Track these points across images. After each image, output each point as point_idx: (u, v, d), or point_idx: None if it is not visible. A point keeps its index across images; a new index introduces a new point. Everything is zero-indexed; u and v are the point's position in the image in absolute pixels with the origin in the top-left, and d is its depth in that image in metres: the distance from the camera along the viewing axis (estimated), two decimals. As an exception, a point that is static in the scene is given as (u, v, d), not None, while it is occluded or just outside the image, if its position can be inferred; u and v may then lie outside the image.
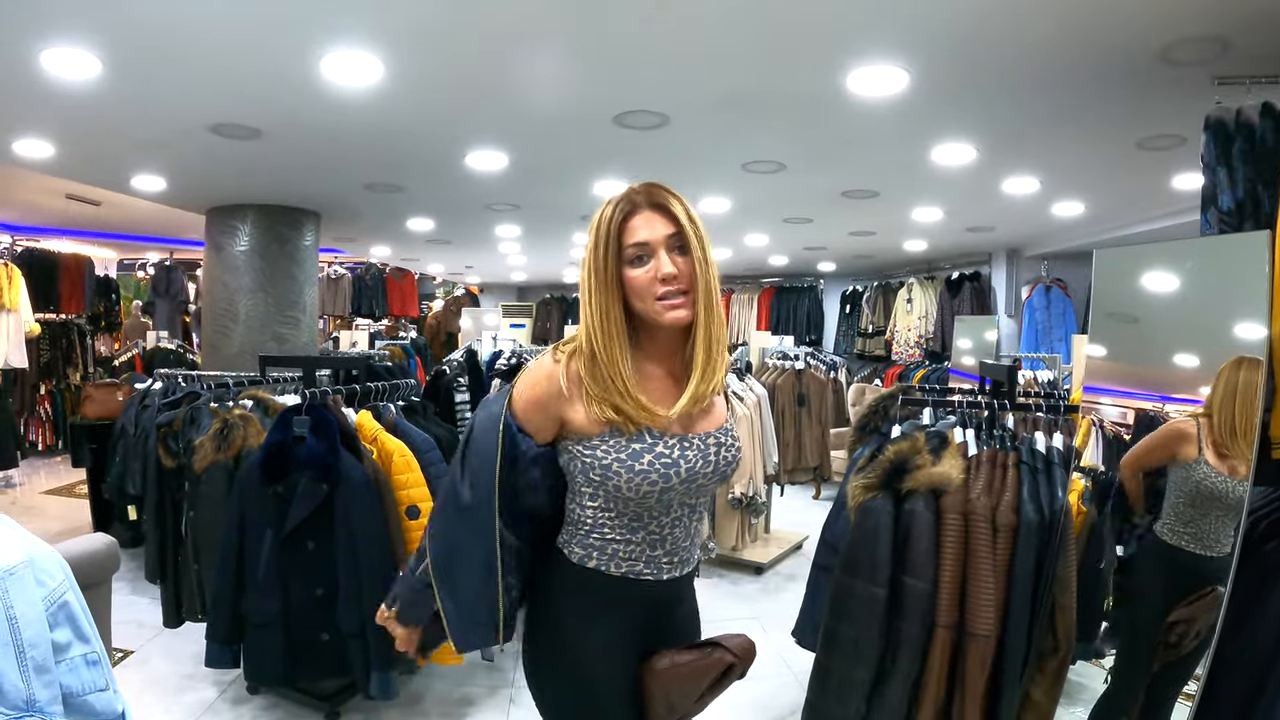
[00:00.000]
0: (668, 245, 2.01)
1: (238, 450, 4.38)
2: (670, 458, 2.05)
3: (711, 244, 2.08)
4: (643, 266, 2.02)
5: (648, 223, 2.02)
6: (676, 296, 2.01)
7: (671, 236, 2.02)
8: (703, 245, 2.04)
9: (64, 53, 4.11)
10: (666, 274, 2.00)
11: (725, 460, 2.14)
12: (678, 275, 2.01)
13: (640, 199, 2.04)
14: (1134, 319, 3.59)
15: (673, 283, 2.01)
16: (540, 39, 3.98)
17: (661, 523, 2.14)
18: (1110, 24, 3.66)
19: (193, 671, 4.74)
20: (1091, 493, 3.80)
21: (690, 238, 2.02)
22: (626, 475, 2.02)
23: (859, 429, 4.28)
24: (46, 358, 11.57)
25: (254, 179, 7.10)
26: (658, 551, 2.15)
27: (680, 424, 2.09)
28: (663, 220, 2.03)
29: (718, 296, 2.10)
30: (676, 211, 2.03)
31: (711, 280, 2.05)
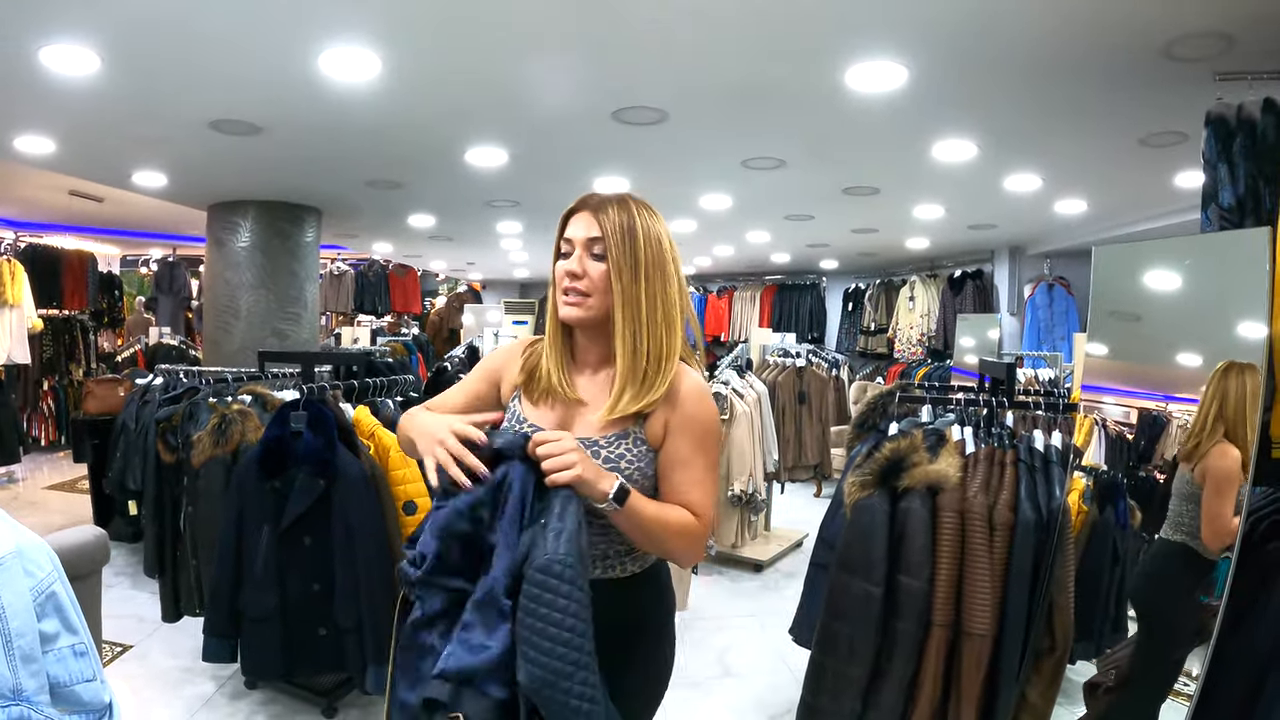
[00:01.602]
0: (586, 247, 2.10)
1: (236, 445, 4.38)
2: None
3: (654, 265, 2.10)
4: (564, 261, 2.14)
5: (578, 223, 2.13)
6: (574, 295, 2.10)
7: (592, 240, 2.10)
8: (634, 260, 2.08)
9: (63, 49, 4.11)
10: (570, 269, 2.10)
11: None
12: (581, 276, 2.09)
13: (589, 202, 2.14)
14: (1134, 317, 3.59)
15: (574, 281, 2.10)
16: (539, 35, 3.98)
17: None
18: (1112, 20, 3.65)
19: (191, 666, 4.74)
20: (1093, 492, 3.80)
21: (613, 246, 2.07)
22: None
23: (857, 426, 4.27)
24: (49, 353, 11.56)
25: (255, 175, 7.10)
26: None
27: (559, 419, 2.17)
28: (591, 223, 2.10)
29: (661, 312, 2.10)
30: (604, 220, 2.09)
31: (641, 294, 2.08)
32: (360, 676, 3.96)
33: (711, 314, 15.58)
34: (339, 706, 4.43)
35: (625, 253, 2.07)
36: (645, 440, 2.11)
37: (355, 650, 3.93)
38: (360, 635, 3.91)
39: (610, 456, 2.07)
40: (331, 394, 4.26)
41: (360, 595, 3.88)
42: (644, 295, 2.08)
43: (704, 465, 2.14)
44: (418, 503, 4.10)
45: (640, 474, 2.09)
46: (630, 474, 2.06)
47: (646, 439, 2.11)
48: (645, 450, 2.11)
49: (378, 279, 15.44)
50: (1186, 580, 3.33)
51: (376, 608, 3.89)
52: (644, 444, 2.10)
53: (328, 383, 4.54)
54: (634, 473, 2.07)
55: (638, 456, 2.09)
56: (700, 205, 8.41)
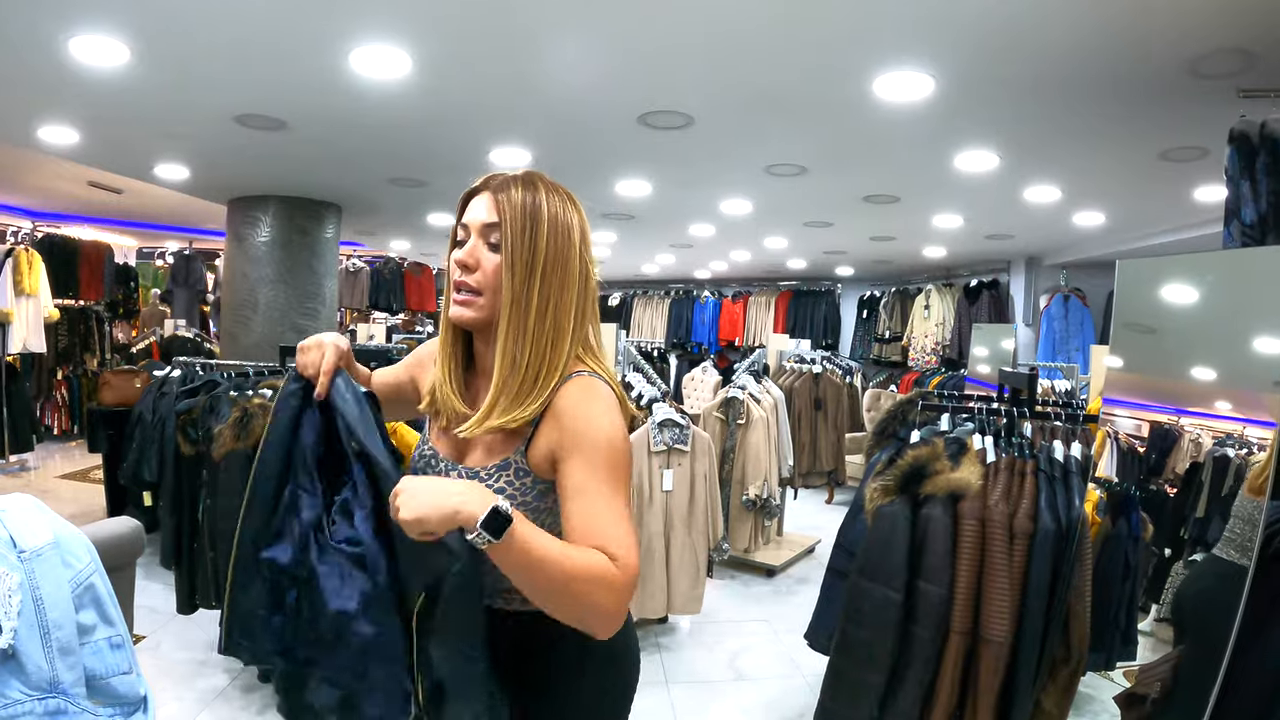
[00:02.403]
0: (481, 233, 1.79)
1: (257, 439, 4.38)
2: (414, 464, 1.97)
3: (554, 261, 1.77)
4: (458, 250, 1.82)
5: (477, 205, 1.81)
6: (463, 292, 1.79)
7: (488, 226, 1.78)
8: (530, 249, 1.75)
9: (93, 40, 4.13)
10: (458, 259, 1.79)
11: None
12: (471, 267, 1.78)
13: (491, 181, 1.82)
14: (1154, 330, 3.58)
15: (463, 273, 1.79)
16: (568, 38, 3.99)
17: None
18: (1137, 35, 3.66)
19: (205, 658, 4.77)
20: (1106, 503, 3.80)
21: (510, 235, 1.74)
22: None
23: (877, 434, 4.28)
24: (64, 343, 11.60)
25: (277, 170, 7.13)
26: None
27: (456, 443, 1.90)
28: (490, 207, 1.78)
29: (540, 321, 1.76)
30: (505, 201, 1.76)
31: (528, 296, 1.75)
32: (376, 671, 3.97)
33: (726, 318, 15.57)
34: (353, 701, 4.45)
35: (523, 244, 1.74)
36: (529, 470, 1.78)
37: (372, 645, 3.95)
38: (377, 630, 3.92)
39: (495, 488, 1.77)
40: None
41: (378, 590, 3.89)
42: (535, 296, 1.75)
43: (604, 491, 1.68)
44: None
45: (523, 507, 1.76)
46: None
47: (530, 468, 1.78)
48: (531, 482, 1.79)
49: (393, 276, 15.44)
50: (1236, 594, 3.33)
51: (394, 603, 3.90)
52: (529, 475, 1.78)
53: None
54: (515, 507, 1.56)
55: (520, 490, 1.78)
56: (720, 210, 8.42)
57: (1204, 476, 3.33)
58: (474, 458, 1.85)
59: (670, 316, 16.33)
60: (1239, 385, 3.21)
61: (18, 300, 9.61)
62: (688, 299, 16.26)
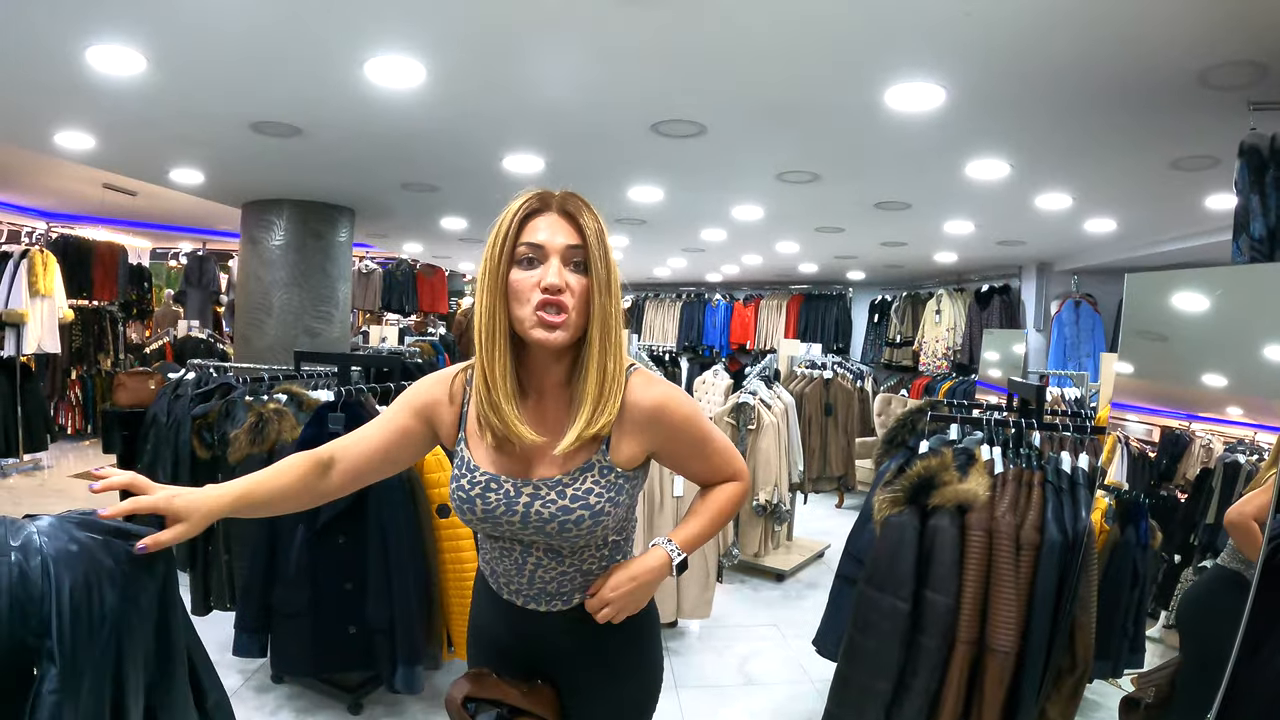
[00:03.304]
0: (564, 256, 1.84)
1: (272, 444, 4.43)
2: (466, 494, 1.97)
3: (616, 277, 1.90)
4: (530, 270, 1.84)
5: (550, 226, 1.86)
6: (554, 313, 1.82)
7: (572, 248, 1.85)
8: (608, 270, 1.86)
9: (110, 50, 4.16)
10: (550, 283, 1.81)
11: (540, 515, 1.91)
12: (563, 289, 1.82)
13: (551, 201, 1.88)
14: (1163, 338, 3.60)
15: (555, 295, 1.81)
16: (581, 47, 4.01)
17: (494, 545, 2.06)
18: (1148, 46, 3.66)
19: (218, 659, 4.70)
20: (1115, 511, 3.82)
21: (594, 257, 1.85)
22: (450, 494, 2.03)
23: (887, 442, 4.30)
24: (78, 344, 11.68)
25: (292, 175, 7.15)
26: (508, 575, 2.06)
27: (519, 460, 1.95)
28: (568, 229, 1.86)
29: (618, 329, 1.90)
30: (585, 224, 1.86)
31: (611, 310, 1.87)
32: (389, 675, 4.01)
33: (737, 322, 15.57)
34: (365, 703, 4.48)
35: (604, 264, 1.86)
36: (614, 467, 1.94)
37: (385, 649, 3.99)
38: (391, 634, 3.96)
39: (578, 494, 1.90)
40: (367, 395, 4.31)
41: (392, 595, 3.94)
42: (614, 312, 1.89)
43: (708, 437, 2.08)
44: (451, 506, 4.14)
45: (611, 504, 1.93)
46: (600, 507, 1.91)
47: (615, 464, 1.94)
48: (615, 478, 1.94)
49: (405, 278, 15.48)
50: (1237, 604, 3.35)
51: (408, 607, 3.95)
52: (612, 470, 1.94)
53: (364, 384, 4.59)
54: (604, 504, 1.91)
55: (607, 487, 1.93)
56: (732, 215, 8.43)
57: (1214, 483, 3.35)
58: (545, 470, 1.93)
59: (682, 320, 16.35)
60: (1249, 392, 3.23)
61: (32, 301, 9.66)
62: (699, 302, 16.27)
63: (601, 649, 2.08)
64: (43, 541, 1.48)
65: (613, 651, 2.10)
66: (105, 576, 1.54)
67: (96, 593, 1.51)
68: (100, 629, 1.50)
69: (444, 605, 4.23)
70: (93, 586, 1.50)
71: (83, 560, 1.51)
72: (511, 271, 1.85)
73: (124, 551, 1.60)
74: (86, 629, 1.47)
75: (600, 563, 2.03)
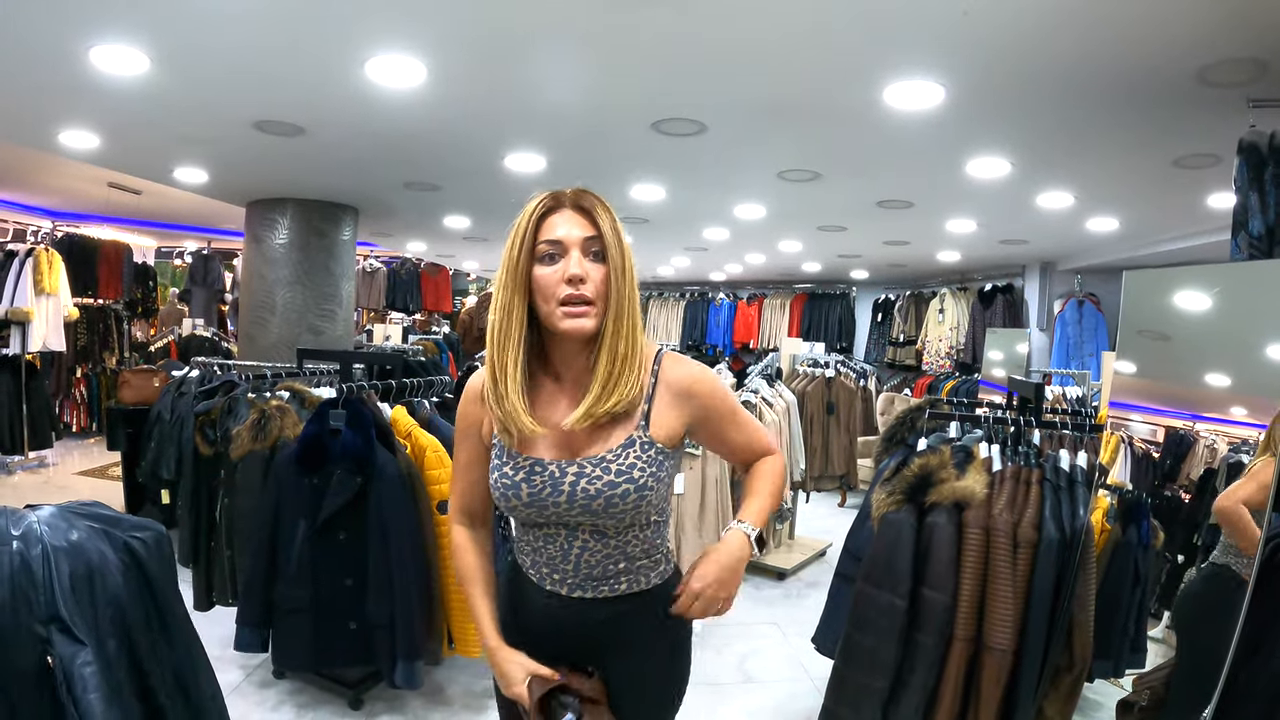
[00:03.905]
0: (583, 248, 1.95)
1: (274, 441, 4.44)
2: (511, 480, 2.03)
3: (634, 264, 2.01)
4: (552, 265, 1.94)
5: (566, 222, 1.96)
6: (579, 304, 1.93)
7: (589, 240, 1.95)
8: (623, 258, 1.97)
9: (114, 49, 4.17)
10: (573, 274, 1.92)
11: (586, 493, 1.98)
12: (585, 280, 1.92)
13: (565, 199, 1.99)
14: (1163, 336, 3.60)
15: (578, 286, 1.92)
16: (581, 46, 4.02)
17: (537, 534, 2.11)
18: (1148, 44, 3.67)
19: (220, 654, 4.79)
20: (1117, 510, 3.82)
21: (610, 246, 1.95)
22: (492, 488, 2.10)
23: (886, 440, 4.30)
24: (83, 342, 11.70)
25: (295, 174, 7.17)
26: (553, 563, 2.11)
27: (557, 443, 2.03)
28: (583, 222, 1.97)
29: (633, 315, 2.00)
30: (600, 217, 1.96)
31: (626, 295, 1.97)
32: (389, 670, 4.02)
33: (741, 321, 15.57)
34: (365, 699, 4.50)
35: (620, 252, 1.97)
36: (654, 442, 2.03)
37: (385, 644, 4.00)
38: (391, 630, 3.98)
39: (621, 468, 1.98)
40: (369, 393, 4.32)
41: (393, 591, 3.95)
42: (628, 295, 1.99)
43: (737, 409, 2.21)
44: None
45: (654, 479, 2.01)
46: (644, 481, 1.99)
47: (654, 439, 2.03)
48: (655, 454, 2.02)
49: (410, 277, 15.50)
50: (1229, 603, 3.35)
51: (408, 604, 3.96)
52: (652, 446, 2.02)
53: (365, 382, 4.61)
54: (647, 479, 1.99)
55: (648, 462, 2.00)
56: (735, 214, 8.44)
57: (1218, 483, 3.34)
58: (590, 450, 2.01)
59: (685, 318, 16.35)
60: (1250, 391, 3.23)
61: (38, 299, 9.69)
62: (703, 301, 16.28)
63: (642, 638, 2.15)
64: (43, 531, 1.50)
65: (652, 640, 2.17)
66: (106, 565, 1.56)
67: (99, 580, 1.53)
68: (104, 615, 1.52)
69: (444, 601, 4.24)
70: (94, 574, 1.52)
71: (83, 549, 1.53)
72: (534, 269, 1.96)
73: (122, 541, 1.62)
74: (90, 615, 1.49)
75: (642, 545, 2.10)
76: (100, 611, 1.52)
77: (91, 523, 1.59)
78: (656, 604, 2.12)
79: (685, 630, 2.26)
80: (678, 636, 2.23)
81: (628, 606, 2.11)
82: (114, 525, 1.63)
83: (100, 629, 1.51)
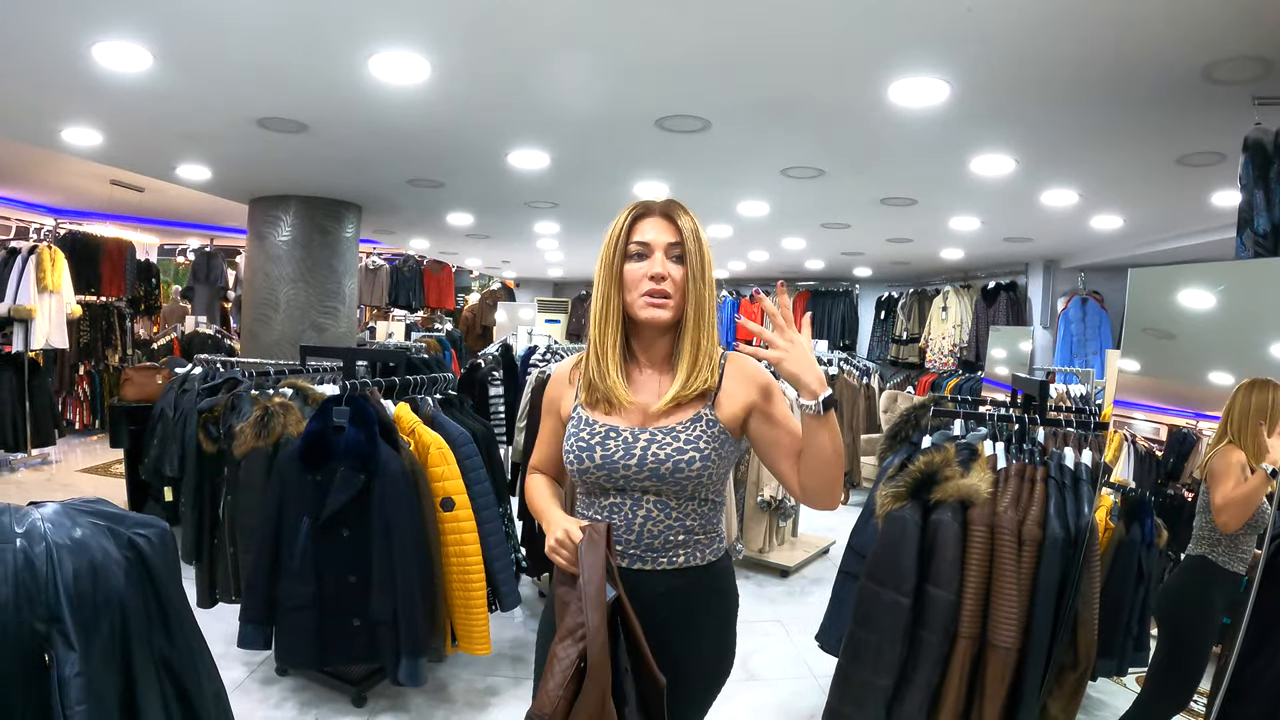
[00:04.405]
0: (667, 250, 2.22)
1: (277, 438, 4.43)
2: (587, 443, 2.26)
3: (713, 268, 2.29)
4: (640, 263, 2.23)
5: (654, 227, 2.24)
6: (659, 297, 2.21)
7: (672, 245, 2.22)
8: (702, 263, 2.24)
9: (116, 46, 4.17)
10: (656, 273, 2.20)
11: (655, 458, 2.19)
12: (666, 277, 2.20)
13: (655, 207, 2.27)
14: (1168, 335, 3.60)
15: (660, 282, 2.20)
16: (585, 43, 4.02)
17: (602, 505, 2.29)
18: (1153, 41, 3.66)
19: (223, 651, 4.78)
20: (1121, 509, 3.81)
21: (690, 251, 2.22)
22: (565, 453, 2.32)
23: (890, 438, 4.30)
24: (86, 339, 11.70)
25: (298, 171, 7.17)
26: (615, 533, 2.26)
27: (635, 416, 2.26)
28: (668, 228, 2.23)
29: (711, 312, 2.28)
30: (683, 225, 2.23)
31: (705, 295, 2.25)
32: (392, 667, 4.02)
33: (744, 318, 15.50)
34: (368, 696, 4.50)
35: (700, 256, 2.24)
36: (718, 422, 2.25)
37: (388, 641, 4.00)
38: (394, 627, 3.97)
39: (690, 438, 2.20)
40: (372, 390, 4.32)
41: (396, 588, 3.95)
42: (708, 295, 2.26)
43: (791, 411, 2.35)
44: (455, 500, 4.15)
45: (717, 454, 2.23)
46: (709, 453, 2.21)
47: (719, 420, 2.25)
48: (718, 432, 2.24)
49: (413, 274, 15.51)
50: (1204, 593, 3.35)
51: (411, 600, 3.96)
52: (716, 425, 2.24)
53: (369, 379, 4.60)
54: (711, 452, 2.21)
55: (711, 439, 2.22)
56: (738, 211, 8.44)
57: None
58: (660, 422, 2.24)
59: (688, 316, 16.31)
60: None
61: (41, 297, 9.69)
62: (706, 298, 16.21)
63: (695, 614, 2.30)
64: (47, 528, 1.50)
65: (703, 617, 2.32)
66: (109, 562, 1.55)
67: (102, 577, 1.52)
68: (106, 613, 1.52)
69: (447, 598, 4.23)
70: (98, 571, 1.52)
71: (86, 546, 1.53)
72: (625, 265, 2.25)
73: (126, 538, 1.62)
74: (92, 613, 1.49)
75: (700, 519, 2.28)
76: (102, 609, 1.52)
77: (95, 520, 1.59)
78: (710, 580, 2.32)
79: (733, 609, 2.42)
80: (726, 615, 2.39)
81: (682, 581, 2.26)
82: (118, 522, 1.63)
83: (101, 628, 1.51)
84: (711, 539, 2.32)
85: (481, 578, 4.22)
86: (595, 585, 1.99)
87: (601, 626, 1.95)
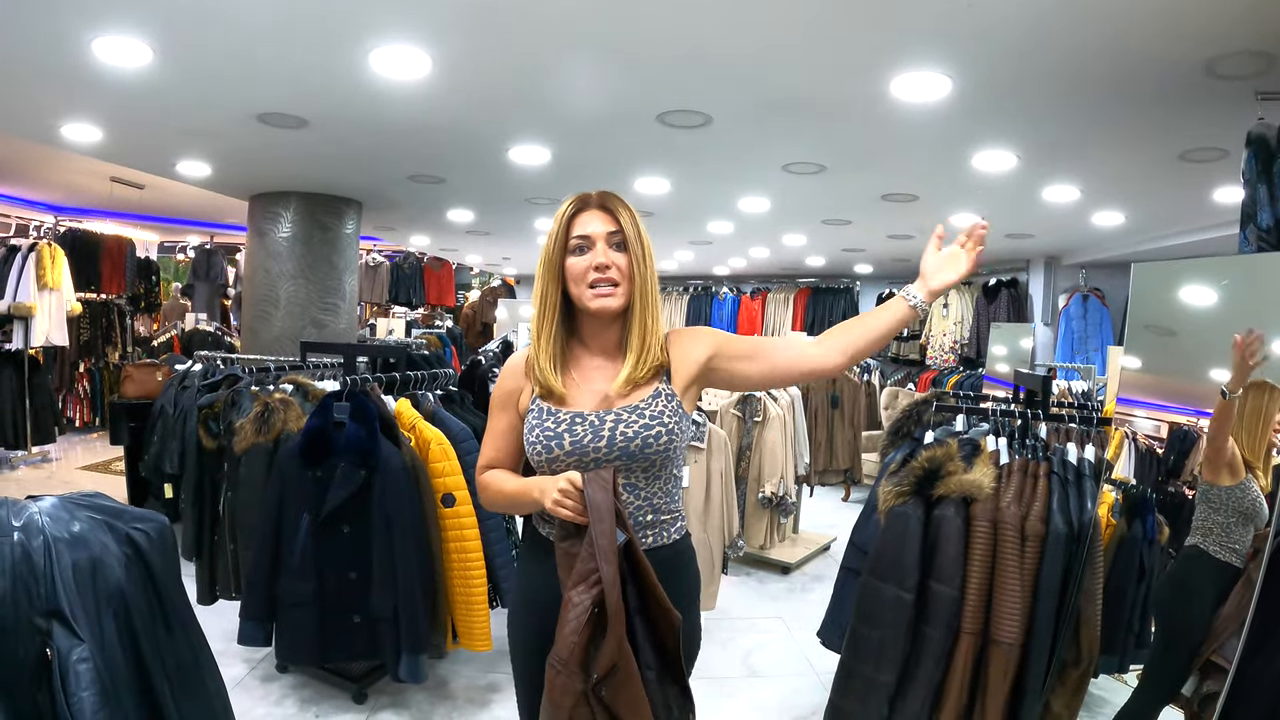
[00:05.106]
0: (607, 240, 2.29)
1: (278, 434, 4.43)
2: (554, 432, 2.29)
3: (653, 253, 2.38)
4: (582, 256, 2.29)
5: (592, 219, 2.31)
6: (606, 286, 2.28)
7: (612, 234, 2.30)
8: (643, 248, 2.32)
9: (116, 41, 4.15)
10: (599, 263, 2.26)
11: (624, 436, 2.24)
12: (610, 267, 2.27)
13: (592, 200, 2.34)
14: (1169, 332, 3.59)
15: (604, 272, 2.27)
16: (586, 38, 4.01)
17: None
18: (1156, 36, 3.65)
19: (224, 648, 4.77)
20: (1122, 506, 3.81)
21: (630, 238, 2.30)
22: (529, 446, 2.34)
23: (892, 433, 4.29)
24: (86, 336, 11.70)
25: (298, 168, 7.16)
26: None
27: (596, 400, 2.32)
28: (606, 219, 2.31)
29: (655, 294, 2.36)
30: (620, 214, 2.31)
31: (649, 279, 2.33)
32: (393, 664, 4.02)
33: (745, 315, 15.54)
34: (369, 692, 4.50)
35: (640, 242, 2.31)
36: (675, 395, 2.34)
37: (389, 638, 4.00)
38: (395, 624, 3.97)
39: (654, 414, 2.27)
40: (373, 386, 4.31)
41: (397, 584, 3.94)
42: (651, 280, 2.34)
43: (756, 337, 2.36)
44: (456, 495, 4.15)
45: (678, 426, 2.31)
46: (672, 426, 2.29)
47: (675, 392, 2.35)
48: (676, 405, 2.33)
49: (413, 271, 15.51)
50: (1196, 581, 3.35)
51: (412, 597, 3.95)
52: (674, 398, 2.34)
53: (369, 375, 4.60)
54: (674, 425, 2.30)
55: (672, 413, 2.30)
56: (739, 208, 8.44)
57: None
58: (622, 402, 2.30)
59: (689, 313, 16.32)
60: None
61: (40, 294, 9.68)
62: (706, 295, 16.23)
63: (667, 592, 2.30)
64: (45, 522, 1.49)
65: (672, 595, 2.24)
66: (108, 556, 1.55)
67: (101, 571, 1.52)
68: (108, 605, 1.51)
69: (448, 595, 4.23)
70: (96, 565, 1.52)
71: (85, 540, 1.52)
72: (567, 260, 2.31)
73: (125, 533, 1.61)
74: (94, 604, 1.48)
75: (666, 498, 2.37)
76: (101, 603, 1.51)
77: (93, 514, 1.59)
78: (675, 557, 2.38)
79: (697, 586, 2.51)
80: (692, 592, 2.47)
81: (654, 560, 2.20)
82: (116, 517, 1.62)
83: (101, 621, 1.51)
84: (675, 517, 2.40)
85: (482, 574, 4.21)
86: (607, 535, 2.00)
87: (616, 575, 1.97)
